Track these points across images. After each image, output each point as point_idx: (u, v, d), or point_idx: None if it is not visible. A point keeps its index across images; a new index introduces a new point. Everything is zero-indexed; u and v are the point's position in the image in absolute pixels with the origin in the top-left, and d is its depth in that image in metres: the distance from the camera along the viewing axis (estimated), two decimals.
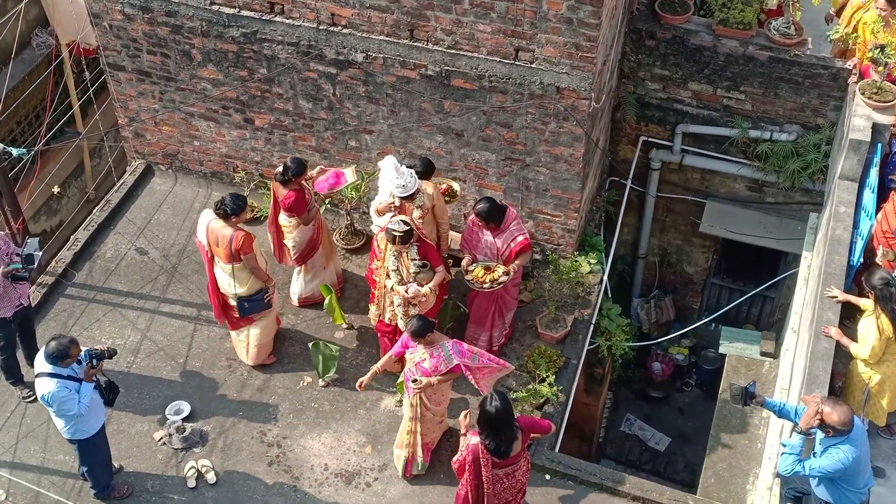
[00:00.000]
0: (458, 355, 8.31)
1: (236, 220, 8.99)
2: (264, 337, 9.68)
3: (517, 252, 9.27)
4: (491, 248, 9.30)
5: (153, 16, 10.27)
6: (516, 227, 9.24)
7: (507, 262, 9.30)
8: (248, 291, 9.26)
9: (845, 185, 9.42)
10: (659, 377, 13.73)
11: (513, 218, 9.26)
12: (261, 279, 9.26)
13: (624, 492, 8.92)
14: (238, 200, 8.94)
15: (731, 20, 10.33)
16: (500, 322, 9.76)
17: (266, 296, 9.38)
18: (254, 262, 9.09)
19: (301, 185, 9.52)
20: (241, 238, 8.92)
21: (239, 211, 8.94)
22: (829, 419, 7.07)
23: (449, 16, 9.16)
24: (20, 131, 13.22)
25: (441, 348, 8.32)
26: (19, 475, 8.91)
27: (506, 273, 9.23)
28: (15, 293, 9.06)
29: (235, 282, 9.17)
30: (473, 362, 8.42)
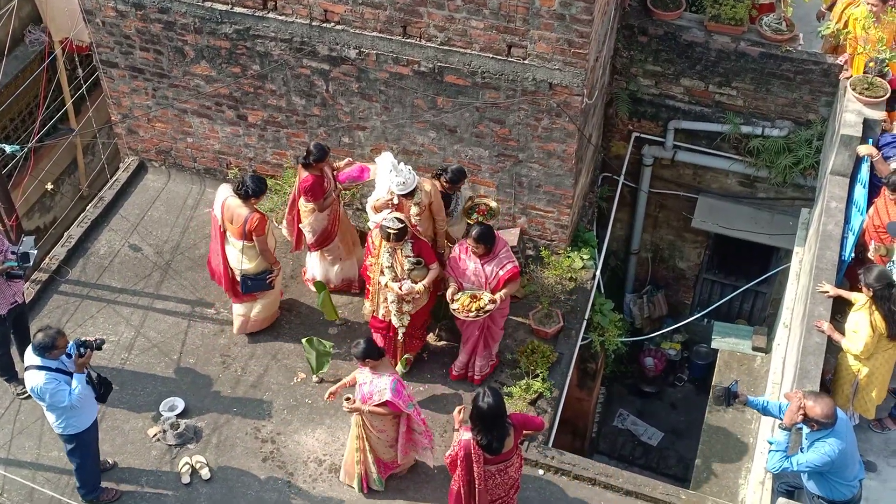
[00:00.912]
0: (394, 393, 8.03)
1: (255, 202, 9.25)
2: (265, 312, 9.93)
3: (506, 280, 8.91)
4: (478, 276, 8.94)
5: (146, 12, 10.26)
6: (506, 254, 8.94)
7: (495, 290, 8.93)
8: (254, 270, 9.51)
9: (836, 181, 9.46)
10: (651, 372, 13.77)
11: (503, 245, 8.97)
12: (268, 261, 9.49)
13: (617, 486, 8.95)
14: (259, 183, 9.18)
15: (722, 16, 10.36)
16: (485, 352, 9.49)
17: (269, 277, 9.58)
18: (264, 244, 9.34)
19: (322, 170, 9.55)
20: (256, 220, 9.18)
21: (259, 193, 9.19)
22: (812, 413, 7.11)
23: (442, 12, 9.17)
24: (13, 128, 13.21)
25: (381, 379, 8.12)
26: (14, 472, 8.90)
27: (492, 301, 8.87)
28: (9, 290, 9.07)
29: (244, 258, 9.42)
30: (408, 409, 8.19)
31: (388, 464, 8.75)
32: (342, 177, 9.86)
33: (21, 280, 9.19)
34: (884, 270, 8.05)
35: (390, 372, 8.20)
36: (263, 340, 10.05)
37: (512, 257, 8.99)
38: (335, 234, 9.94)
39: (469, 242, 8.85)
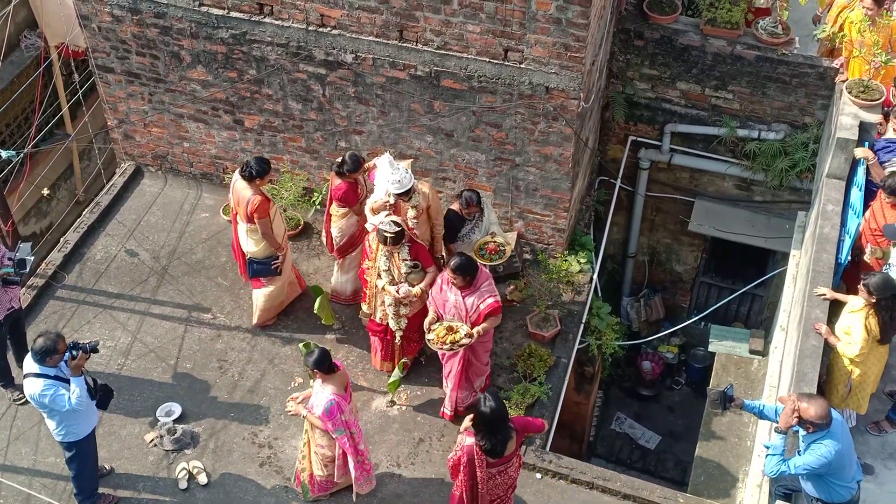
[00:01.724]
0: (325, 413, 7.90)
1: (259, 183, 9.29)
2: (269, 302, 9.95)
3: (486, 315, 8.57)
4: (458, 309, 8.61)
5: (142, 17, 10.26)
6: (488, 287, 8.57)
7: (475, 324, 8.60)
8: (258, 254, 9.59)
9: (833, 184, 9.47)
10: (649, 375, 13.78)
11: (485, 278, 8.63)
12: (272, 245, 9.53)
13: (615, 490, 8.95)
14: (262, 164, 9.21)
15: (718, 20, 10.38)
16: (466, 385, 9.15)
17: (275, 263, 9.62)
18: (266, 227, 9.36)
19: (355, 178, 9.56)
20: (256, 202, 9.22)
21: (262, 174, 9.21)
22: (806, 414, 7.12)
23: (438, 16, 9.18)
24: (9, 134, 13.20)
25: (323, 394, 7.97)
26: (10, 478, 8.89)
27: (468, 336, 8.55)
28: (6, 296, 9.05)
29: (250, 241, 9.54)
30: (336, 433, 8.02)
31: (320, 483, 8.61)
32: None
33: (17, 286, 9.18)
34: (888, 279, 8.03)
35: (336, 391, 7.95)
36: (260, 345, 10.04)
37: (494, 291, 8.61)
38: (360, 242, 9.85)
39: (447, 273, 8.55)
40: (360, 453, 8.33)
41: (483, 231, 9.70)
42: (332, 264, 10.81)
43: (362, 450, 8.35)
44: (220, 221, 11.27)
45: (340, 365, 8.17)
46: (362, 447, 8.34)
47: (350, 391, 8.24)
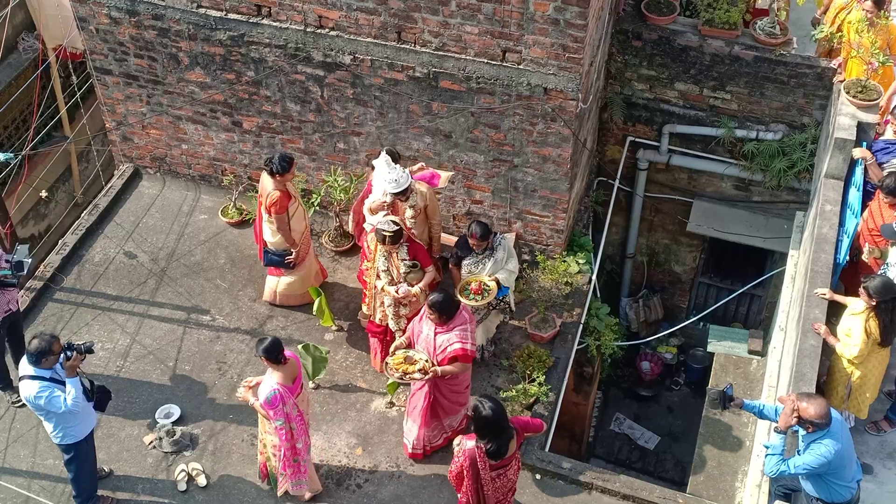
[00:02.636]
0: (265, 401, 7.89)
1: (281, 179, 9.41)
2: (291, 290, 10.21)
3: (451, 359, 8.26)
4: (428, 344, 8.34)
5: (140, 19, 10.26)
6: (461, 331, 8.22)
7: (440, 363, 8.31)
8: (275, 246, 9.86)
9: (831, 184, 9.48)
10: (648, 376, 13.78)
11: (462, 321, 8.26)
12: (286, 241, 9.71)
13: (614, 491, 8.95)
14: (284, 161, 9.34)
15: (716, 20, 10.38)
16: (434, 423, 8.85)
17: (288, 258, 9.83)
18: (282, 222, 9.56)
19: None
20: (273, 197, 9.41)
21: (283, 171, 9.34)
22: (805, 414, 7.12)
23: (436, 18, 9.18)
24: (7, 136, 13.19)
25: (267, 382, 7.97)
26: (9, 480, 8.88)
27: (422, 372, 8.26)
28: (3, 299, 9.05)
29: (269, 231, 9.79)
30: (275, 422, 8.00)
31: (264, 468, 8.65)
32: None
33: (15, 288, 9.17)
34: (889, 282, 8.02)
35: (282, 382, 7.91)
36: None
37: (467, 337, 8.25)
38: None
39: (425, 307, 8.37)
40: (297, 452, 8.30)
41: (488, 270, 9.28)
42: (329, 265, 10.83)
43: (300, 448, 8.28)
44: (218, 223, 11.27)
45: (293, 356, 8.18)
46: (300, 446, 8.27)
47: (302, 385, 8.20)
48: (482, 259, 9.25)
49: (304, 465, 8.45)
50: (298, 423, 8.14)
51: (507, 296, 9.52)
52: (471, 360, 8.46)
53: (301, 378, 8.22)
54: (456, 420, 9.01)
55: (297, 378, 8.14)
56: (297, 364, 8.25)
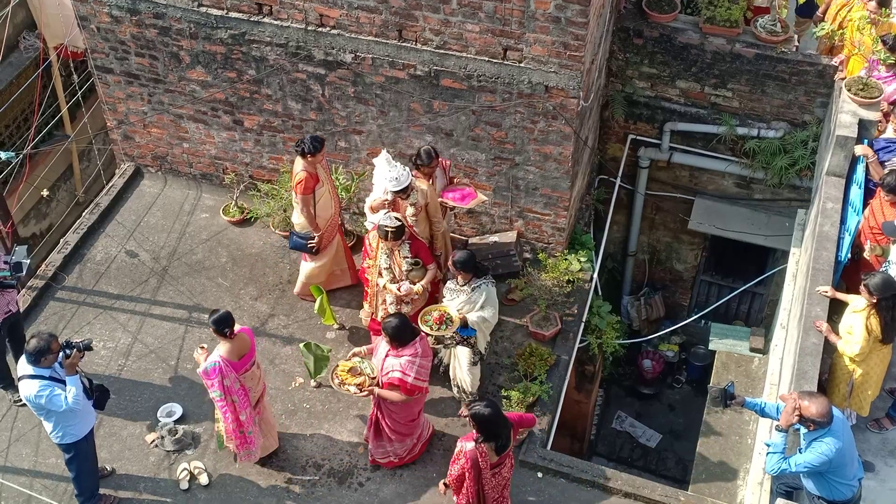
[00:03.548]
0: (204, 371, 8.09)
1: (311, 161, 9.43)
2: (307, 278, 10.19)
3: (388, 386, 8.26)
4: (378, 363, 8.35)
5: (141, 18, 10.26)
6: (408, 362, 8.10)
7: (383, 386, 8.31)
8: (299, 227, 9.96)
9: (832, 182, 9.47)
10: (649, 374, 13.78)
11: (413, 352, 8.12)
12: (309, 224, 9.77)
13: (616, 489, 8.95)
14: (315, 142, 9.37)
15: (717, 18, 10.38)
16: (378, 442, 8.84)
17: (311, 242, 9.82)
18: (306, 204, 9.61)
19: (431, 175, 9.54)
20: (300, 178, 9.47)
21: (310, 152, 9.35)
22: (807, 412, 7.12)
23: (437, 16, 9.18)
24: (8, 135, 13.19)
25: (215, 352, 8.14)
26: (11, 479, 8.89)
27: (358, 387, 8.31)
28: (3, 300, 9.06)
29: (295, 211, 9.89)
30: (211, 392, 8.21)
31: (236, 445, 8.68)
32: (445, 195, 9.60)
33: (14, 289, 9.18)
34: (889, 279, 8.01)
35: (226, 356, 8.10)
36: (261, 345, 10.03)
37: (411, 370, 8.12)
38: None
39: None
40: (241, 424, 8.40)
41: (458, 304, 8.91)
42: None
43: (243, 420, 8.38)
44: (220, 222, 11.27)
45: (247, 334, 8.36)
46: (243, 418, 8.37)
47: (254, 362, 8.38)
48: (459, 291, 8.89)
49: (251, 436, 8.55)
50: (241, 398, 8.27)
51: (474, 338, 9.02)
52: (410, 393, 8.22)
53: (251, 357, 8.37)
54: (402, 448, 8.87)
55: (247, 356, 8.30)
56: (250, 343, 8.39)
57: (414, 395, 8.33)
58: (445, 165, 9.76)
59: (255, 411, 8.53)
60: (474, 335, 8.98)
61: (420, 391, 8.36)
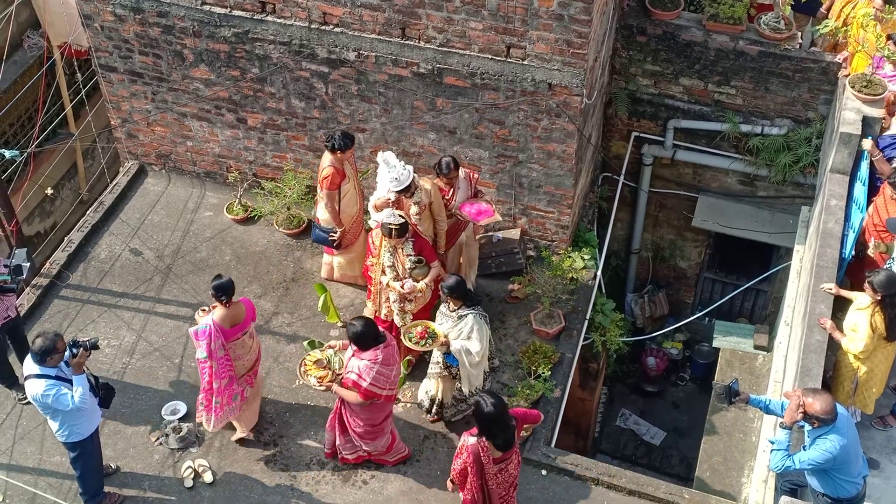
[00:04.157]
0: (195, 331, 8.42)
1: (339, 157, 9.51)
2: (342, 271, 10.44)
3: (346, 385, 8.28)
4: (346, 361, 8.37)
5: (144, 16, 10.27)
6: (366, 367, 8.05)
7: (342, 384, 8.29)
8: (324, 221, 10.01)
9: (836, 179, 9.47)
10: (653, 372, 13.78)
11: (373, 359, 8.06)
12: (332, 219, 9.83)
13: (620, 486, 8.95)
14: (344, 139, 9.42)
15: (721, 15, 10.37)
16: (345, 436, 8.77)
17: (331, 235, 9.93)
18: (330, 199, 9.68)
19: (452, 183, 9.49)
20: (326, 173, 9.55)
21: (343, 148, 9.43)
22: (811, 410, 7.12)
23: (440, 13, 9.18)
24: (12, 133, 13.21)
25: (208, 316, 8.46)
26: (16, 477, 8.91)
27: (318, 380, 8.37)
28: (2, 305, 9.03)
29: (320, 205, 9.99)
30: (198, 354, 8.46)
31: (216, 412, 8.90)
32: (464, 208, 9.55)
33: (14, 294, 9.17)
34: (893, 276, 8.01)
35: (219, 322, 8.40)
36: (265, 343, 10.05)
37: (367, 375, 8.06)
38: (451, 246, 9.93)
39: None
40: (211, 390, 8.65)
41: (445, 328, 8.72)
42: None
43: (216, 388, 8.61)
44: (224, 220, 11.28)
45: (246, 305, 8.58)
46: (216, 385, 8.59)
47: (248, 332, 8.61)
48: (448, 316, 8.70)
49: (217, 405, 8.76)
50: (221, 365, 8.50)
51: (456, 368, 8.81)
52: (365, 397, 8.17)
53: (244, 327, 8.58)
54: (373, 447, 8.79)
55: (240, 325, 8.53)
56: (247, 314, 8.59)
57: (369, 401, 8.26)
58: (473, 178, 9.64)
59: (245, 382, 8.80)
60: (456, 366, 8.76)
61: (377, 398, 8.24)
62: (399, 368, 8.50)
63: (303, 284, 10.62)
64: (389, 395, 8.36)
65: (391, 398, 8.47)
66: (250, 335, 8.72)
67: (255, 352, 8.86)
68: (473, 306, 8.63)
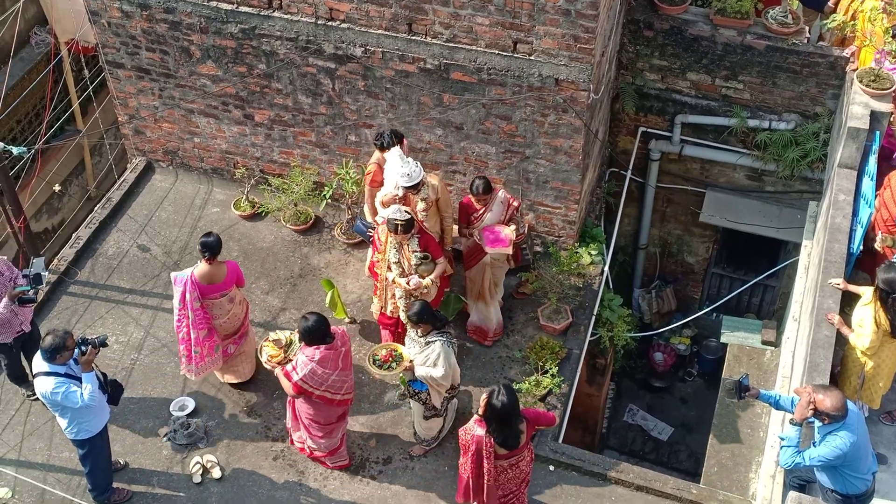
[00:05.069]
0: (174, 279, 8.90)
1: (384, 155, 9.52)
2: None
3: (284, 374, 8.38)
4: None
5: (151, 13, 10.28)
6: (304, 362, 8.16)
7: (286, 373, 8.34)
8: (366, 215, 10.18)
9: (844, 173, 9.44)
10: (661, 367, 13.76)
11: (310, 356, 8.15)
12: (370, 215, 9.95)
13: (627, 482, 8.95)
14: (392, 138, 9.39)
15: (728, 9, 10.34)
16: (297, 422, 8.82)
17: (369, 230, 10.02)
18: (369, 196, 9.78)
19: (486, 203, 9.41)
20: (370, 170, 9.68)
21: (390, 146, 9.40)
22: (822, 406, 7.10)
23: (447, 9, 9.17)
24: (20, 130, 13.24)
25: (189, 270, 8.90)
26: (25, 473, 8.94)
27: (269, 358, 8.56)
28: (17, 319, 8.93)
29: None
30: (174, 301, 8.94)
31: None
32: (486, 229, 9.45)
33: (32, 305, 9.07)
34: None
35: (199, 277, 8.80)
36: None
37: (301, 370, 8.17)
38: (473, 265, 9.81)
39: None
40: (188, 340, 9.00)
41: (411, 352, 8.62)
42: (342, 257, 10.84)
43: (193, 338, 8.98)
44: (231, 216, 11.30)
45: (231, 266, 9.01)
46: (194, 336, 8.97)
47: (227, 295, 8.96)
48: (416, 342, 8.58)
49: (196, 355, 9.11)
50: (197, 318, 8.91)
51: (426, 393, 8.68)
52: (296, 391, 8.27)
53: (223, 289, 8.93)
54: (317, 445, 8.81)
55: (217, 286, 8.90)
56: (227, 277, 8.94)
57: (299, 395, 8.31)
58: (511, 205, 9.48)
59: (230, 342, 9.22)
60: (425, 390, 8.64)
61: (306, 394, 8.27)
62: (349, 375, 8.45)
63: (310, 280, 10.63)
64: (330, 399, 8.34)
65: (333, 402, 8.39)
66: (230, 299, 9.04)
67: (237, 318, 9.20)
68: (442, 332, 8.47)
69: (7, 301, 8.70)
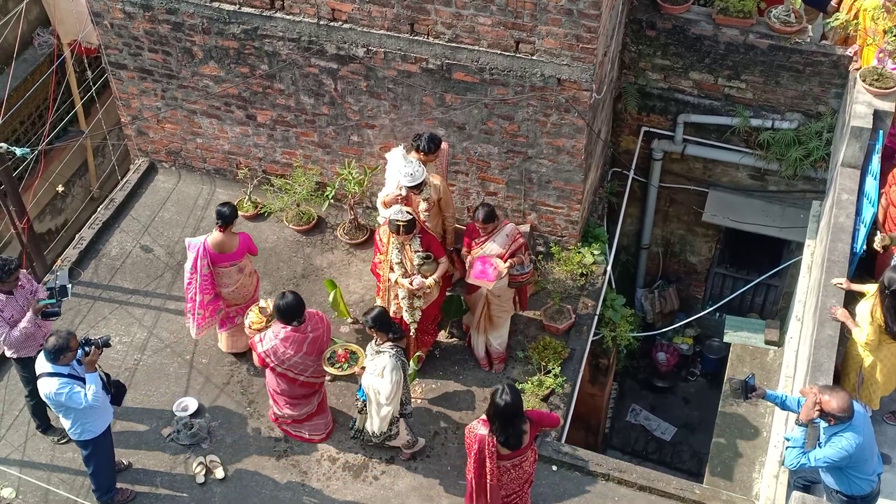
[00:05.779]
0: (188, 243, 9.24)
1: (423, 158, 9.43)
2: None
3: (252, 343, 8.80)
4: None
5: (154, 14, 10.29)
6: (269, 336, 8.48)
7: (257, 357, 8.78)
8: None
9: (847, 173, 9.43)
10: (664, 367, 13.75)
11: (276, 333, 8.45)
12: None
13: (630, 482, 8.95)
14: (430, 142, 9.38)
15: (731, 9, 10.33)
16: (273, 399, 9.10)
17: None
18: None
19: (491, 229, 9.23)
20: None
21: (427, 151, 9.39)
22: (827, 407, 7.09)
23: (449, 9, 9.17)
24: (23, 131, 13.26)
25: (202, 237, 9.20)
26: (29, 473, 8.95)
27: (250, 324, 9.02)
28: (40, 332, 8.67)
29: None
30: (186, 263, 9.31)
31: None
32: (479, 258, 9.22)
33: (56, 319, 8.82)
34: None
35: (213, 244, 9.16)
36: None
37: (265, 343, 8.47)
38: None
39: None
40: (192, 301, 9.35)
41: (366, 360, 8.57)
42: (345, 258, 10.85)
43: (200, 301, 9.32)
44: None
45: (243, 238, 9.32)
46: (199, 298, 9.31)
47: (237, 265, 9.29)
48: (372, 348, 8.47)
49: (199, 317, 9.45)
50: (205, 283, 9.25)
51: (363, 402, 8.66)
52: (260, 362, 8.89)
53: (233, 259, 9.26)
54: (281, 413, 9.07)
55: (228, 255, 9.24)
56: (239, 247, 9.27)
57: (265, 366, 8.70)
58: (516, 239, 9.23)
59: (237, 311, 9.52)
60: (364, 400, 8.61)
61: (265, 366, 8.67)
62: (316, 361, 8.71)
63: (313, 281, 10.63)
64: (292, 379, 8.66)
65: (295, 381, 8.69)
66: (240, 269, 9.38)
67: (246, 290, 9.57)
68: (396, 343, 8.34)
69: (31, 315, 8.50)
